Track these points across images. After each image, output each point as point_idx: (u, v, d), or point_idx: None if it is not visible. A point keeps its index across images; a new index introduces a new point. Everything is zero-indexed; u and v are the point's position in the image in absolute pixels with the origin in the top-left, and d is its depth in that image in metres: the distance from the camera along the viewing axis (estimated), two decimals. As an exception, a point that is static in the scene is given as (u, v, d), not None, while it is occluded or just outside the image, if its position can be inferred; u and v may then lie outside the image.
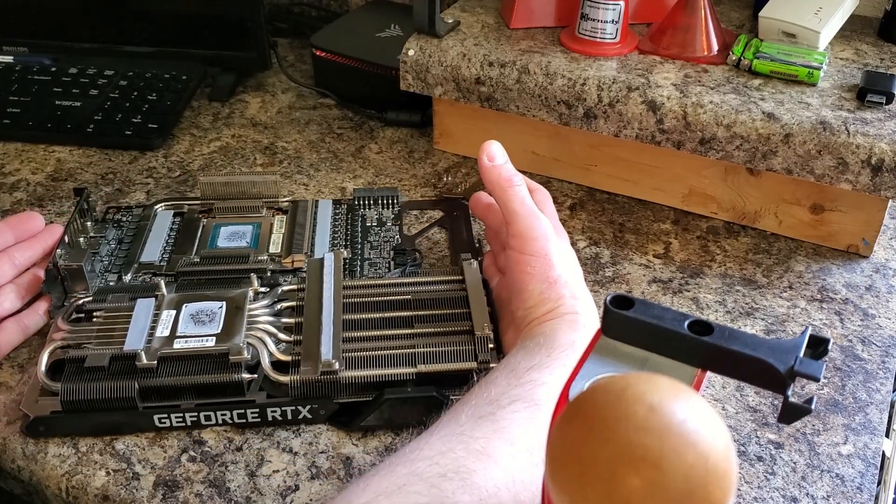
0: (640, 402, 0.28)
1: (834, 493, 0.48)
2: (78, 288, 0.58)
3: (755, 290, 0.62)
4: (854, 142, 0.60)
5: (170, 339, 0.52)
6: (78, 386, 0.50)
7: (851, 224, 0.65)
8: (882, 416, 0.53)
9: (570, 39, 0.72)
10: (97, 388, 0.50)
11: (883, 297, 0.62)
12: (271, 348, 0.53)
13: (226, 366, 0.51)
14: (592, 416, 0.29)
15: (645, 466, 0.27)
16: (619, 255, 0.66)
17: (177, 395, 0.51)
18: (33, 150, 0.79)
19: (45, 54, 0.90)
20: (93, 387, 0.50)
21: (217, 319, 0.54)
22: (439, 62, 0.71)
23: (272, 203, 0.67)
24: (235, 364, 0.51)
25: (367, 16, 0.92)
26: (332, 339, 0.52)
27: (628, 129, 0.66)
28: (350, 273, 0.62)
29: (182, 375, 0.51)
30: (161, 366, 0.51)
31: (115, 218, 0.67)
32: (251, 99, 0.88)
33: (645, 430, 0.28)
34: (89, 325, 0.54)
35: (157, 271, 0.61)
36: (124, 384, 0.50)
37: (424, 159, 0.78)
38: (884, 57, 0.71)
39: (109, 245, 0.64)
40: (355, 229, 0.66)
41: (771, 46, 0.68)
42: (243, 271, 0.60)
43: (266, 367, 0.52)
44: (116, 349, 0.52)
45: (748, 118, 0.62)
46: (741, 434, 0.51)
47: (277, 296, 0.57)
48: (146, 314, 0.54)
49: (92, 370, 0.50)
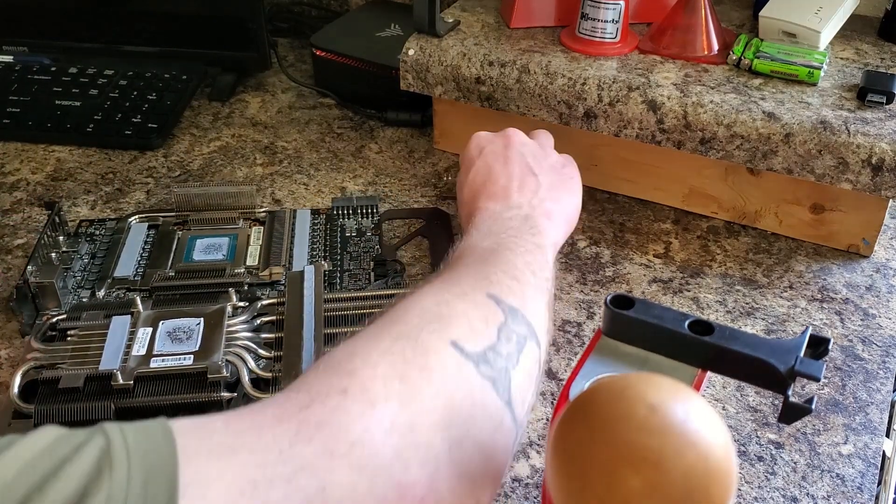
0: (640, 402, 0.28)
1: (834, 493, 0.48)
2: (49, 305, 0.57)
3: (755, 290, 0.62)
4: (854, 141, 0.60)
5: (146, 357, 0.51)
6: (52, 408, 0.48)
7: (852, 224, 0.65)
8: (882, 416, 0.52)
9: (570, 39, 0.72)
10: (72, 410, 0.48)
11: (883, 297, 0.62)
12: (251, 365, 0.52)
13: (204, 384, 0.50)
14: (593, 416, 0.29)
15: (645, 466, 0.27)
16: (619, 255, 0.66)
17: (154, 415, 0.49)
18: (33, 149, 0.78)
19: (45, 54, 0.90)
20: (67, 408, 0.48)
21: (195, 336, 0.53)
22: (439, 62, 0.71)
23: (249, 214, 0.67)
24: (214, 382, 0.50)
25: (368, 15, 0.92)
26: (313, 355, 0.51)
27: (629, 128, 0.66)
28: (330, 286, 0.61)
29: (159, 395, 0.50)
30: (138, 386, 0.50)
31: (88, 231, 0.66)
32: (251, 99, 0.88)
33: (645, 431, 0.28)
34: (63, 344, 0.53)
35: (131, 286, 0.60)
36: (100, 405, 0.49)
37: (424, 159, 0.78)
38: (884, 56, 0.71)
39: (82, 260, 0.63)
40: (334, 240, 0.66)
41: (771, 46, 0.68)
42: (220, 285, 0.59)
43: (246, 384, 0.51)
44: (91, 369, 0.50)
45: (748, 118, 0.62)
46: (741, 434, 0.51)
47: (256, 310, 0.56)
48: (122, 332, 0.53)
49: (66, 391, 0.49)
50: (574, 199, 0.60)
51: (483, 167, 0.59)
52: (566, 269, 0.64)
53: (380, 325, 0.41)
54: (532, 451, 0.50)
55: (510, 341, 0.42)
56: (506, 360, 0.41)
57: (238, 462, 0.31)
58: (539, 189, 0.57)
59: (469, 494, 0.37)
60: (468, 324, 0.41)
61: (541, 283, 0.48)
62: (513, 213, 0.54)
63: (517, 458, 0.49)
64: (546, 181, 0.58)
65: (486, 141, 0.61)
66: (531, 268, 0.48)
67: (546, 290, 0.49)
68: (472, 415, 0.38)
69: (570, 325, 0.59)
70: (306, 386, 0.36)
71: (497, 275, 0.46)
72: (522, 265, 0.48)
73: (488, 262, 0.48)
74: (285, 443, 0.33)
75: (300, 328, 0.54)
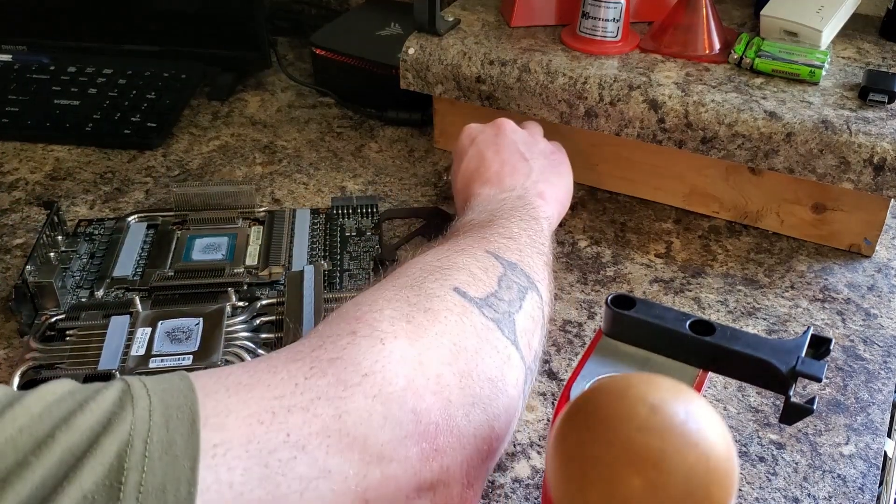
0: (641, 402, 0.28)
1: (836, 494, 0.47)
2: (48, 305, 0.57)
3: (757, 290, 0.62)
4: (856, 141, 0.60)
5: (145, 357, 0.51)
6: None
7: (853, 223, 0.65)
8: (884, 417, 0.52)
9: (571, 38, 0.71)
10: None
11: (885, 297, 0.62)
12: None
13: None
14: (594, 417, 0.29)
15: (646, 467, 0.27)
16: (620, 255, 0.66)
17: None
18: (32, 149, 0.78)
19: (44, 53, 0.90)
20: None
21: (194, 337, 0.53)
22: (439, 61, 0.71)
23: (248, 213, 0.66)
24: None
25: (367, 14, 0.91)
26: None
27: (629, 127, 0.66)
28: (330, 285, 0.61)
29: None
30: None
31: (87, 231, 0.66)
32: (250, 98, 0.88)
33: (646, 431, 0.27)
34: (62, 344, 0.53)
35: (130, 286, 0.60)
36: None
37: (424, 158, 0.78)
38: (886, 56, 0.71)
39: (81, 260, 0.62)
40: (334, 240, 0.65)
41: (773, 45, 0.68)
42: (220, 285, 0.59)
43: None
44: (90, 369, 0.50)
45: (750, 117, 0.62)
46: (743, 434, 0.51)
47: (256, 310, 0.56)
48: (121, 332, 0.53)
49: None
50: (565, 181, 0.62)
51: (475, 155, 0.60)
52: (567, 269, 0.64)
53: (383, 281, 0.43)
54: (532, 452, 0.49)
55: (511, 289, 0.44)
56: (508, 306, 0.43)
57: (256, 395, 0.33)
58: (531, 173, 0.58)
59: (484, 422, 0.38)
60: (469, 273, 0.43)
61: (537, 246, 0.50)
62: (506, 195, 0.55)
63: (517, 458, 0.49)
64: (537, 165, 0.59)
65: (477, 131, 0.63)
66: (527, 233, 0.50)
67: (544, 253, 0.50)
68: (479, 350, 0.39)
69: (570, 326, 0.59)
70: (317, 333, 0.38)
71: (494, 236, 0.48)
72: (518, 230, 0.50)
73: (484, 228, 0.49)
74: (300, 377, 0.34)
75: (300, 328, 0.54)
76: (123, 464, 0.28)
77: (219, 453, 0.30)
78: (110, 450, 0.28)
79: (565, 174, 0.62)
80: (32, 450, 0.27)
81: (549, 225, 0.55)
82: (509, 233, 0.49)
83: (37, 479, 0.26)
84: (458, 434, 0.36)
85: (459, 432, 0.36)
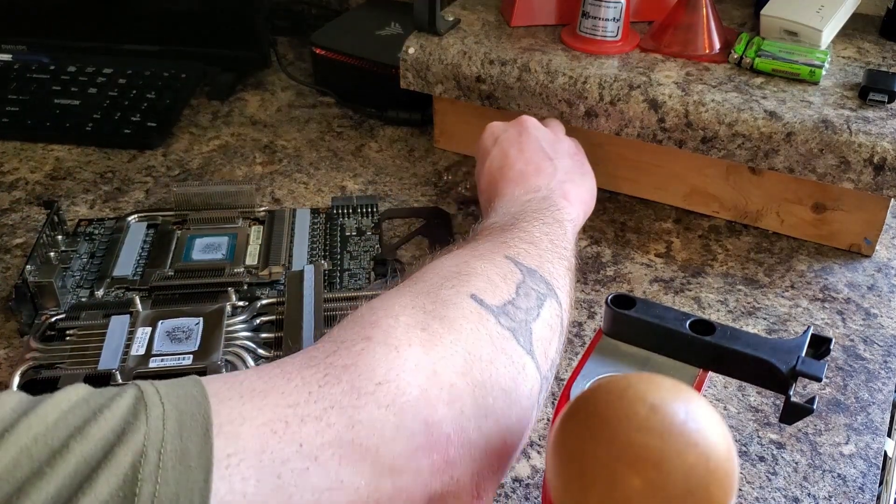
0: (641, 402, 0.28)
1: (836, 494, 0.47)
2: (48, 305, 0.57)
3: (757, 290, 0.62)
4: (856, 140, 0.60)
5: (145, 357, 0.51)
6: None
7: (853, 223, 0.65)
8: (884, 416, 0.52)
9: (571, 37, 0.71)
10: None
11: (885, 297, 0.62)
12: (250, 365, 0.52)
13: None
14: (594, 416, 0.29)
15: (646, 467, 0.27)
16: (620, 255, 0.66)
17: None
18: (32, 148, 0.78)
19: (44, 53, 0.90)
20: None
21: (194, 336, 0.53)
22: (440, 60, 0.71)
23: (248, 213, 0.66)
24: None
25: (367, 14, 0.91)
26: None
27: (630, 127, 0.66)
28: (330, 285, 0.61)
29: None
30: None
31: (87, 231, 0.66)
32: (250, 97, 0.88)
33: (646, 431, 0.27)
34: (62, 344, 0.53)
35: (130, 286, 0.60)
36: None
37: (425, 158, 0.78)
38: (886, 55, 0.70)
39: (81, 259, 0.62)
40: (334, 239, 0.65)
41: (773, 45, 0.68)
42: (220, 285, 0.59)
43: None
44: (90, 369, 0.50)
45: (750, 117, 0.62)
46: (743, 434, 0.51)
47: (256, 310, 0.56)
48: (121, 332, 0.53)
49: None
50: (589, 181, 0.61)
51: (499, 154, 0.59)
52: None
53: (400, 286, 0.43)
54: (532, 452, 0.49)
55: (529, 297, 0.43)
56: (525, 314, 0.42)
57: (269, 403, 0.32)
58: (556, 172, 0.58)
59: (496, 434, 0.37)
60: (487, 279, 0.43)
61: (559, 250, 0.49)
62: (531, 196, 0.55)
63: (517, 458, 0.49)
64: (562, 165, 0.59)
65: (500, 129, 0.62)
66: (549, 237, 0.50)
67: (565, 258, 0.50)
68: (493, 360, 0.39)
69: (571, 325, 0.59)
70: (331, 338, 0.38)
71: (514, 241, 0.48)
72: (540, 234, 0.49)
73: (505, 232, 0.49)
74: (314, 385, 0.34)
75: (300, 328, 0.54)
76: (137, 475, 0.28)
77: (232, 463, 0.30)
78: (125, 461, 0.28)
79: (589, 174, 0.62)
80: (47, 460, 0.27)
81: (574, 227, 0.54)
82: (530, 237, 0.48)
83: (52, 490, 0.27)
84: (469, 446, 0.36)
85: (471, 444, 0.36)
